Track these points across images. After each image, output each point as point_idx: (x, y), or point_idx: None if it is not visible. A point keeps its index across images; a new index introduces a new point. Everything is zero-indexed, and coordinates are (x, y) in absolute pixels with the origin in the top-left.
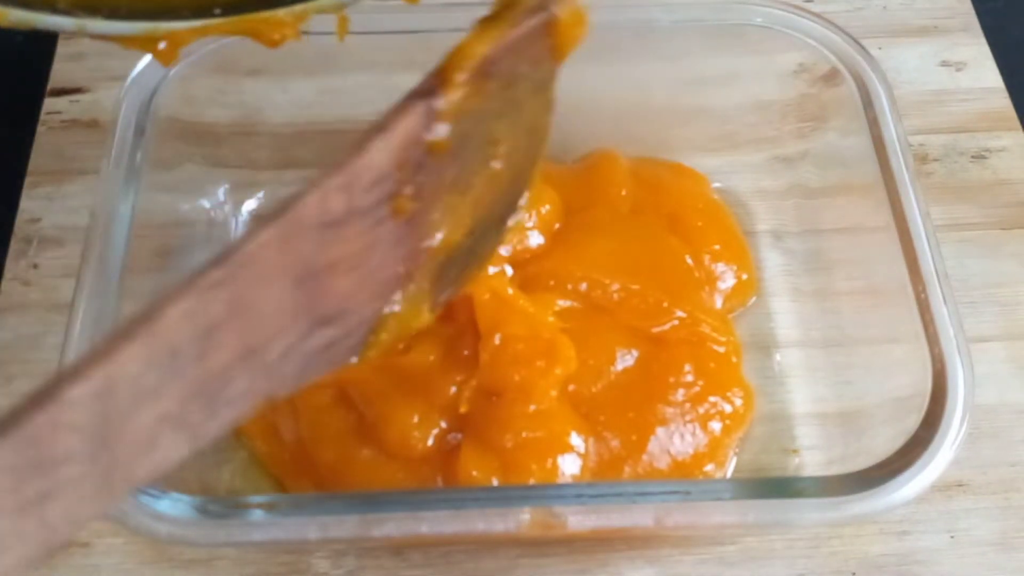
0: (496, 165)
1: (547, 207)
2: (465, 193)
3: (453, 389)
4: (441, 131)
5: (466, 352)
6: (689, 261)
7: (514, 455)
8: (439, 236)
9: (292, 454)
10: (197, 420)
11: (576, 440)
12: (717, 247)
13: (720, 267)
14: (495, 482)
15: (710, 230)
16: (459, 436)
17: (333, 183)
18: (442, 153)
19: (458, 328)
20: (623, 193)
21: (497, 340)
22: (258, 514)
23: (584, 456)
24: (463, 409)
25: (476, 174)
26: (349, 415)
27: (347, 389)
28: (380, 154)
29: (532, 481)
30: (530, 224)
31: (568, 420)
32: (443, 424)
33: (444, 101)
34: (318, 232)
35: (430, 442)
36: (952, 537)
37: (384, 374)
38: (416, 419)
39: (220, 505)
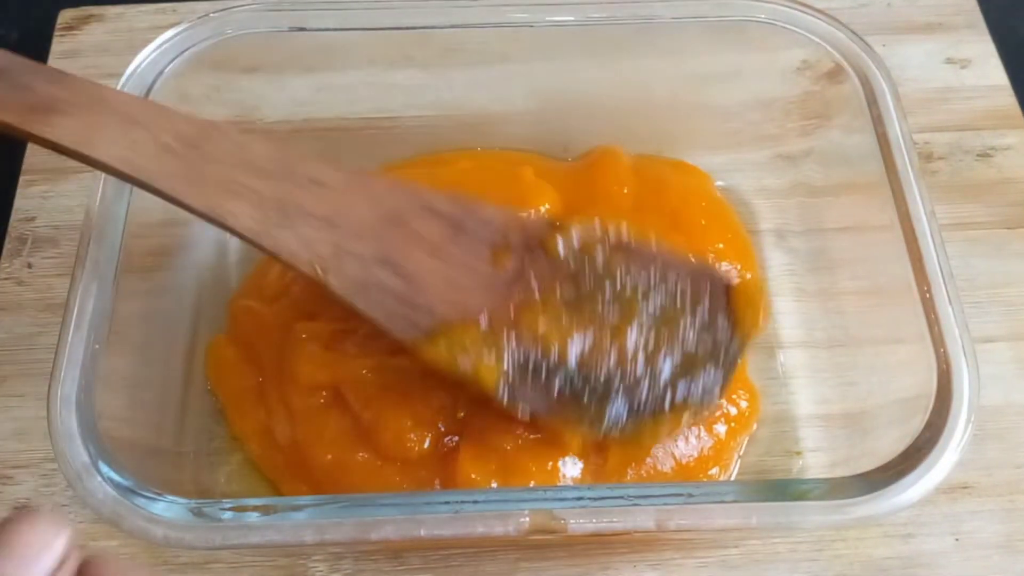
0: (627, 340)
1: (547, 206)
2: (576, 322)
3: (449, 392)
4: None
5: None
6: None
7: (514, 457)
8: (529, 322)
9: (287, 457)
10: (262, 216)
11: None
12: (720, 245)
13: (723, 266)
14: (494, 484)
15: (713, 228)
16: (456, 439)
17: (446, 197)
18: (552, 255)
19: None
20: (624, 191)
21: None
22: (254, 517)
23: (585, 460)
24: (461, 413)
25: (595, 322)
26: (345, 417)
27: (343, 391)
28: (493, 212)
29: (532, 484)
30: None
31: None
32: (440, 427)
33: (563, 226)
34: (420, 212)
35: (426, 445)
36: (957, 540)
37: (381, 376)
38: (412, 422)
39: (216, 508)
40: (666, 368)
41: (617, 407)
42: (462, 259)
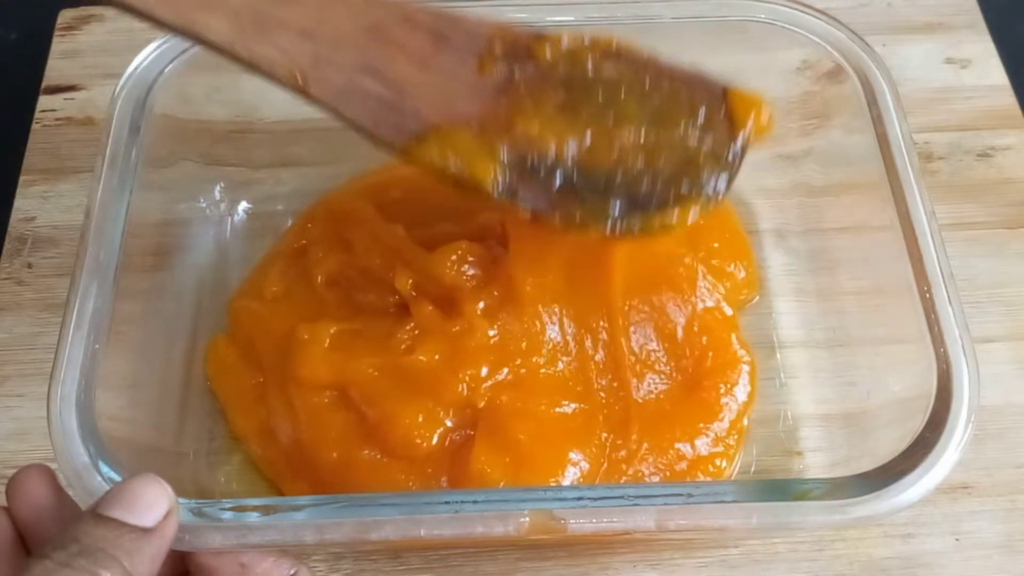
0: (625, 138)
1: None
2: (571, 124)
3: (462, 388)
4: (545, 51)
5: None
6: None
7: (529, 448)
8: (522, 126)
9: (288, 457)
10: (238, 27)
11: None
12: (716, 245)
13: (729, 266)
14: (501, 484)
15: (711, 227)
16: (465, 434)
17: (427, 10)
18: (540, 62)
19: (466, 325)
20: None
21: None
22: (254, 517)
23: (597, 451)
24: (481, 404)
25: (590, 124)
26: (350, 416)
27: (348, 390)
28: (476, 24)
29: (545, 476)
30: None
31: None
32: (448, 423)
33: (550, 35)
34: (402, 23)
35: (435, 441)
36: (957, 540)
37: (388, 375)
38: (421, 418)
39: (216, 508)
40: (667, 164)
41: (620, 201)
42: (448, 68)
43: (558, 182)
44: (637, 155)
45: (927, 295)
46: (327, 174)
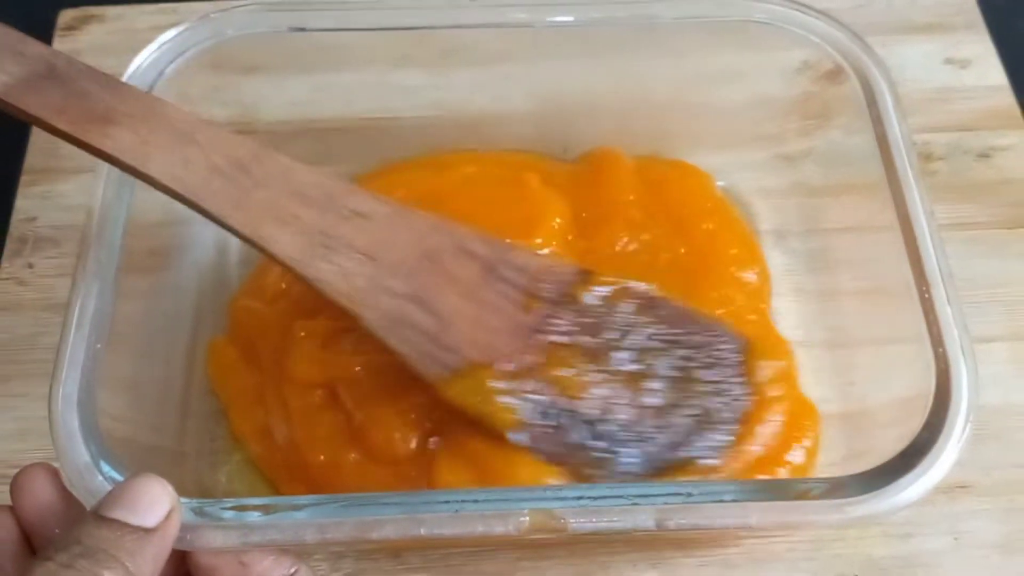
0: (650, 398)
1: (558, 220)
2: (596, 373)
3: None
4: (587, 298)
5: None
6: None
7: (488, 458)
8: (553, 373)
9: (285, 457)
10: (305, 245)
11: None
12: (733, 251)
13: (744, 274)
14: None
15: (720, 232)
16: (439, 439)
17: (482, 239)
18: (579, 307)
19: None
20: (631, 198)
21: None
22: (255, 516)
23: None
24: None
25: (612, 374)
26: (338, 417)
27: (338, 390)
28: (526, 257)
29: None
30: (540, 241)
31: None
32: (427, 426)
33: (593, 278)
34: (456, 252)
35: (413, 445)
36: (956, 539)
37: (375, 374)
38: (399, 421)
39: (217, 507)
40: (679, 424)
41: (628, 458)
42: (492, 302)
43: (574, 434)
44: (651, 413)
45: (926, 295)
46: (327, 174)
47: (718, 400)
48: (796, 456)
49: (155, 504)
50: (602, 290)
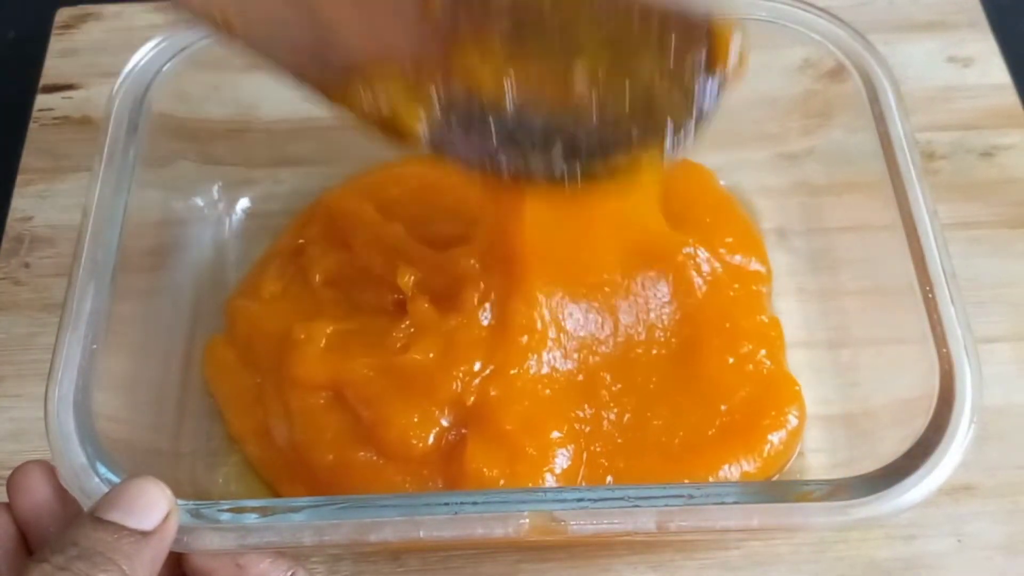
0: (577, 79)
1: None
2: (519, 64)
3: (456, 385)
4: None
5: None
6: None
7: (516, 438)
8: (460, 64)
9: (285, 458)
10: None
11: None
12: (731, 240)
13: (738, 259)
14: (501, 481)
15: (722, 224)
16: (460, 433)
17: None
18: None
19: (463, 319)
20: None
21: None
22: (252, 518)
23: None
24: (469, 401)
25: (541, 62)
26: (345, 417)
27: (343, 391)
28: None
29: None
30: None
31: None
32: (444, 422)
33: None
34: None
35: (431, 441)
36: (959, 541)
37: (383, 375)
38: (416, 418)
39: (214, 509)
40: (623, 105)
41: (567, 147)
42: (384, 2)
43: (496, 130)
44: (590, 95)
45: (929, 295)
46: (326, 173)
47: (673, 77)
48: (776, 436)
49: (152, 507)
50: None
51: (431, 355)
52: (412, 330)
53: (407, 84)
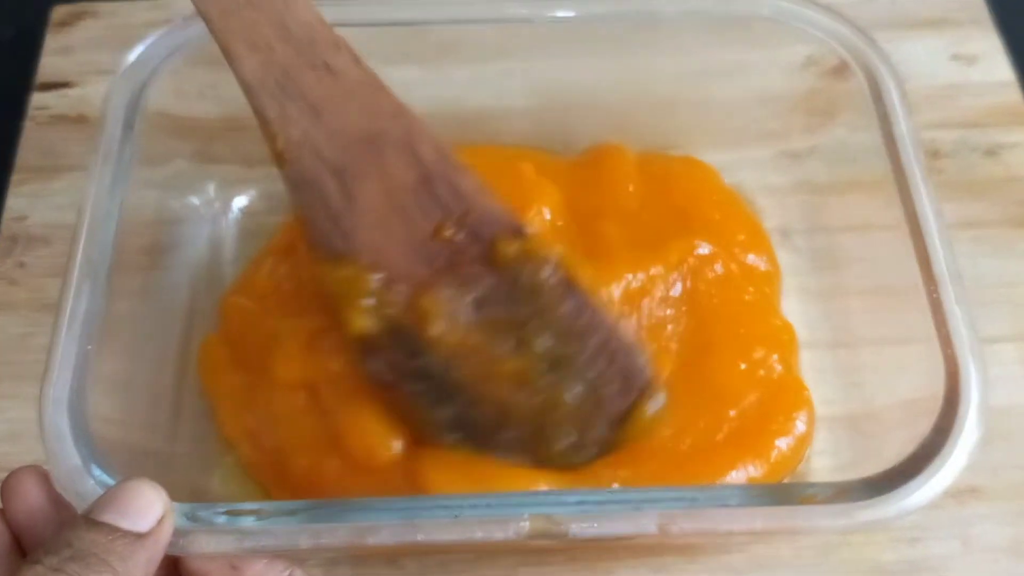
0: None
1: (548, 210)
2: (474, 330)
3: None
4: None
5: None
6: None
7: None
8: (428, 308)
9: (272, 461)
10: (264, 75)
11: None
12: (742, 238)
13: (750, 258)
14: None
15: (729, 221)
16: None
17: (436, 148)
18: (495, 259)
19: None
20: (630, 189)
21: None
22: (249, 521)
23: None
24: None
25: (491, 340)
26: (320, 421)
27: (320, 392)
28: (471, 184)
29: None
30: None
31: None
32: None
33: (526, 237)
34: (402, 148)
35: (395, 451)
36: (964, 544)
37: (354, 373)
38: (380, 426)
39: (210, 512)
40: (531, 414)
41: (470, 428)
42: (409, 210)
43: (420, 374)
44: (508, 395)
45: (934, 295)
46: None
47: (595, 408)
48: (784, 442)
49: (148, 508)
50: (527, 258)
51: None
52: None
53: (377, 292)
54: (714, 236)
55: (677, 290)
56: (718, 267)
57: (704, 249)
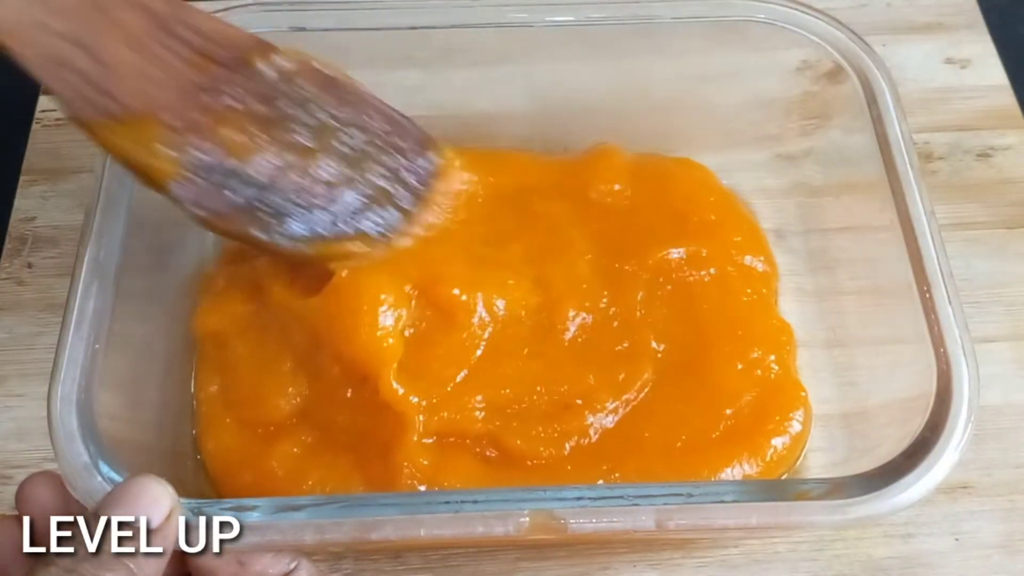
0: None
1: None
2: (266, 138)
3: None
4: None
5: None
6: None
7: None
8: (220, 131)
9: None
10: None
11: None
12: (738, 239)
13: (747, 259)
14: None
15: (726, 222)
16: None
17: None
18: (255, 73)
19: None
20: (616, 188)
21: None
22: (254, 517)
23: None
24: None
25: (284, 141)
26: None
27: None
28: (206, 19)
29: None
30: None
31: None
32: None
33: (273, 49)
34: (129, 3)
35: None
36: (957, 540)
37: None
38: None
39: (216, 508)
40: (348, 200)
41: (295, 225)
42: (160, 57)
43: (240, 192)
44: (324, 183)
45: (927, 295)
46: None
47: (391, 184)
48: (780, 441)
49: (155, 504)
50: (281, 62)
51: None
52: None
53: (167, 138)
54: (710, 237)
55: (664, 291)
56: (713, 269)
57: (700, 251)
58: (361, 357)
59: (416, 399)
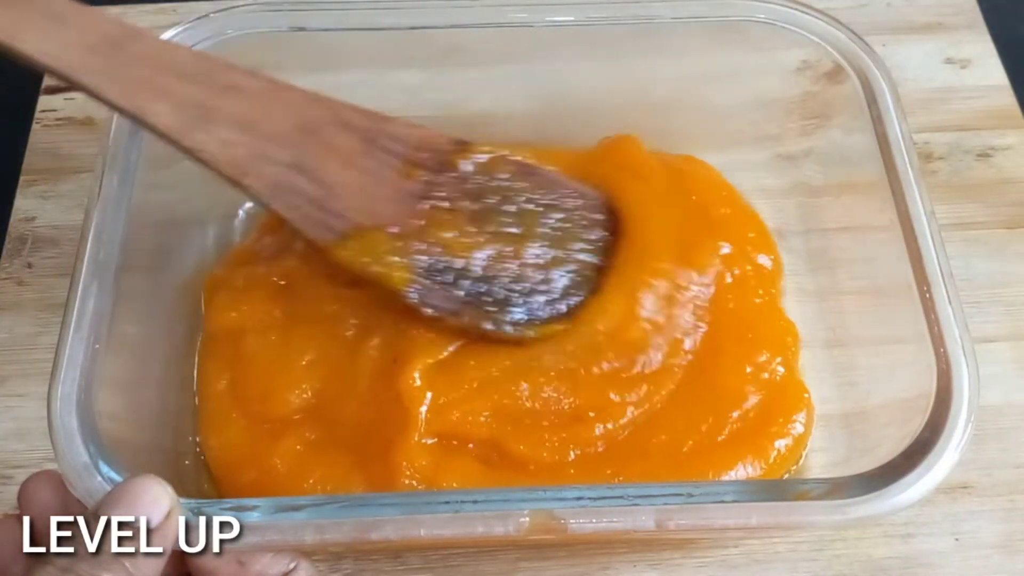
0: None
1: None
2: (479, 233)
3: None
4: (465, 166)
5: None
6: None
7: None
8: (438, 234)
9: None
10: (183, 116)
11: None
12: (752, 235)
13: (760, 257)
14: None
15: (740, 217)
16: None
17: (360, 112)
18: (457, 174)
19: None
20: (654, 177)
21: None
22: (254, 517)
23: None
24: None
25: (494, 234)
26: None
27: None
28: (404, 128)
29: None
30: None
31: None
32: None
33: (470, 147)
34: (335, 124)
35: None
36: (957, 540)
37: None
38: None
39: (216, 508)
40: (559, 279)
41: (517, 312)
42: (374, 171)
43: (464, 288)
44: (534, 268)
45: (927, 295)
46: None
47: (591, 257)
48: (783, 443)
49: (155, 504)
50: (479, 157)
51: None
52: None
53: (394, 247)
54: (732, 234)
55: (705, 296)
56: (736, 270)
57: (726, 249)
58: (412, 335)
59: (430, 395)
